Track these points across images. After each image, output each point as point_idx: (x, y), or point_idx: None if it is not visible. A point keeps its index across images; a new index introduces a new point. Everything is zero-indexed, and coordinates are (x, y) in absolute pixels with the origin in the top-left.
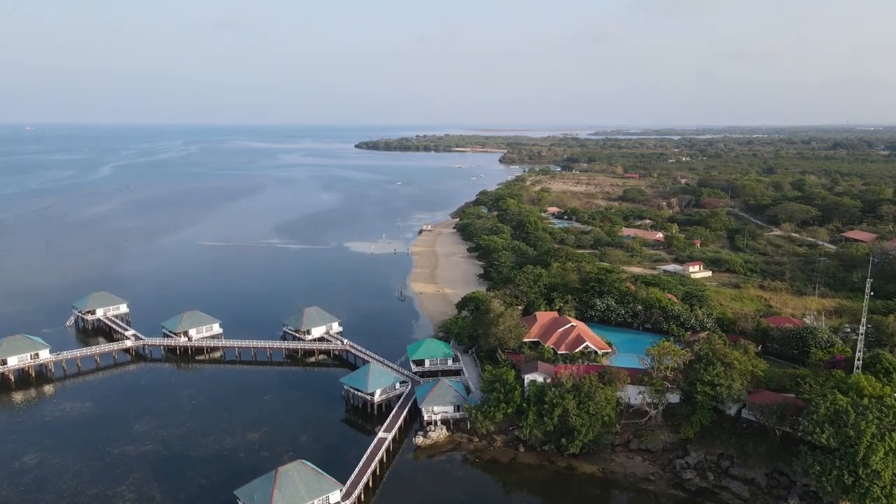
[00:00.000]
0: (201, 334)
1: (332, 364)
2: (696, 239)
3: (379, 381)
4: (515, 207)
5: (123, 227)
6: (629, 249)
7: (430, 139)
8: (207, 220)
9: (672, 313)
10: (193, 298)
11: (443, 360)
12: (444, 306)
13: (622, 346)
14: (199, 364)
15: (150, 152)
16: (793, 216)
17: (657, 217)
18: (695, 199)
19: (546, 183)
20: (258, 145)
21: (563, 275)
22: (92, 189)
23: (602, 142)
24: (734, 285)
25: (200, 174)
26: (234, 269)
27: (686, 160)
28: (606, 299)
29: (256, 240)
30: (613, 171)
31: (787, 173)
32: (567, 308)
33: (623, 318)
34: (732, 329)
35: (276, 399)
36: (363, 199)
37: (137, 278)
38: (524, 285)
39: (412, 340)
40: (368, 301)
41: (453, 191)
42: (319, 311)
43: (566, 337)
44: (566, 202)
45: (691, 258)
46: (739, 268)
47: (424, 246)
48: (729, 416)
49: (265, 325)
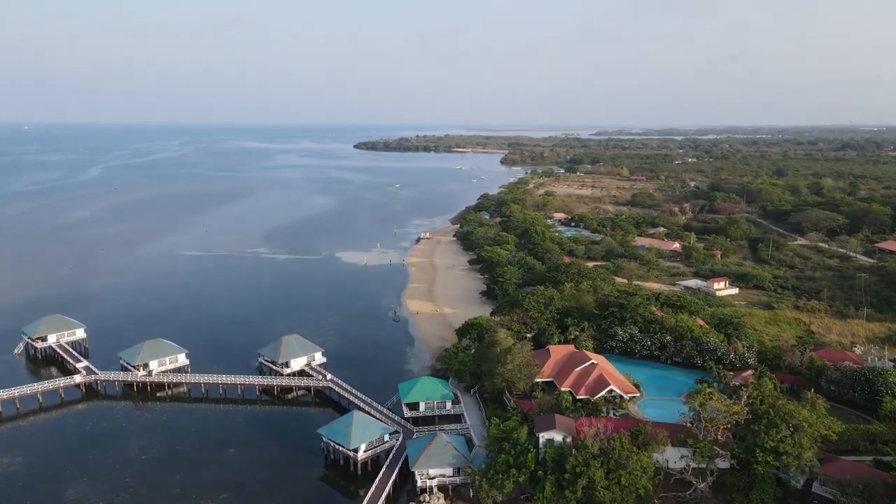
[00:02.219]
0: (164, 367)
1: (312, 403)
2: (715, 249)
3: (364, 434)
4: (520, 214)
5: (101, 234)
6: (645, 262)
7: (430, 139)
8: (192, 227)
9: (707, 346)
10: (162, 321)
11: (440, 402)
12: (443, 329)
13: (649, 386)
14: (160, 403)
15: (145, 153)
16: (818, 224)
17: (671, 224)
18: (709, 205)
19: (550, 186)
20: (256, 145)
21: (577, 297)
22: (77, 192)
23: (605, 142)
24: (766, 305)
25: (192, 176)
26: (212, 285)
27: (692, 161)
28: (629, 328)
29: (242, 249)
30: (619, 173)
31: (798, 175)
32: (584, 338)
33: (649, 350)
34: (777, 364)
35: (244, 452)
36: (359, 203)
37: (103, 296)
38: (534, 310)
39: (405, 372)
40: (358, 323)
41: (453, 194)
42: (300, 339)
43: (586, 377)
44: (572, 207)
45: (714, 272)
46: (769, 284)
47: (422, 256)
48: (795, 491)
49: (240, 353)
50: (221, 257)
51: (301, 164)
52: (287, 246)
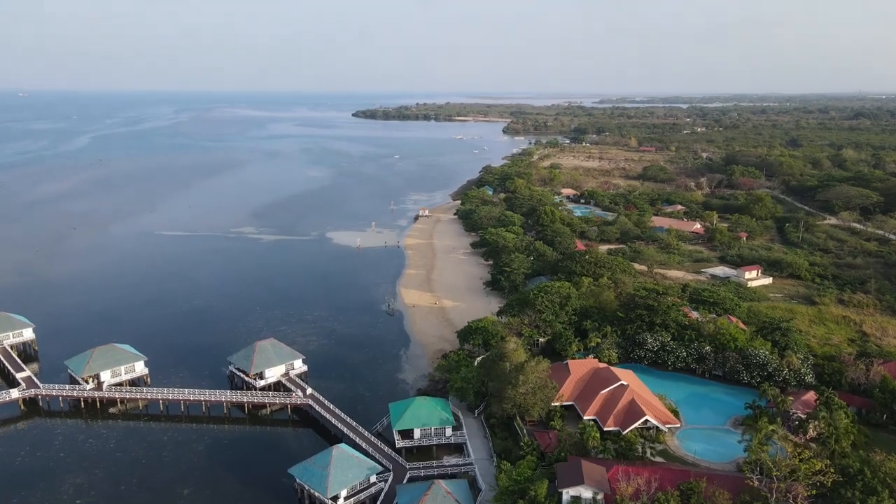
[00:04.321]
0: (118, 377)
1: (289, 422)
2: (740, 231)
3: (345, 477)
4: (525, 190)
5: (77, 210)
6: (664, 245)
7: (430, 108)
8: (175, 202)
9: (755, 360)
10: (124, 318)
11: (439, 428)
12: (443, 327)
13: (687, 407)
14: (110, 423)
15: (137, 121)
16: (850, 202)
17: (689, 202)
18: (726, 179)
19: (555, 157)
20: (251, 114)
21: (596, 293)
22: (59, 163)
23: (610, 111)
24: (806, 299)
25: (182, 146)
26: (188, 272)
27: (702, 131)
28: (660, 334)
29: (226, 228)
30: (627, 144)
31: (814, 146)
32: (606, 345)
33: (684, 361)
34: (839, 382)
35: (201, 494)
36: (355, 176)
37: (63, 287)
38: (547, 311)
39: (398, 383)
40: (348, 318)
41: (454, 166)
42: (277, 345)
43: (614, 403)
44: (581, 182)
45: (742, 258)
46: (805, 273)
47: (420, 237)
48: None
49: (211, 358)
50: (202, 238)
51: (296, 133)
52: (275, 225)
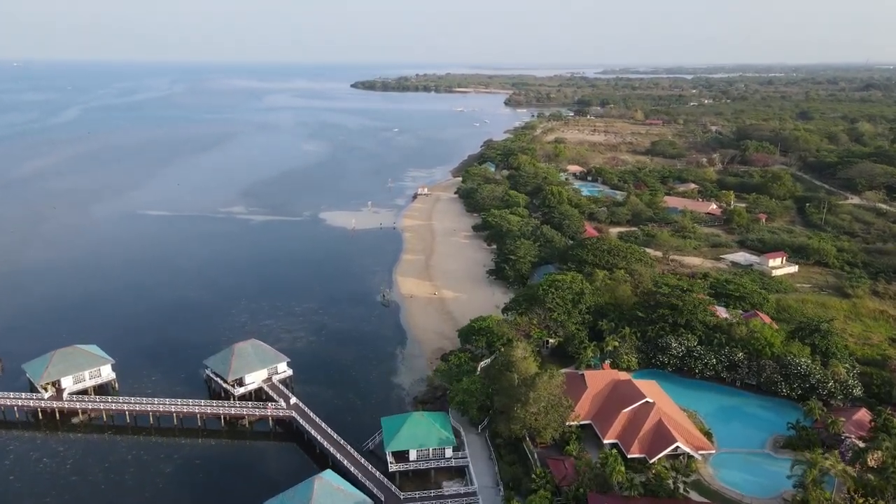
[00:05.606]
0: (81, 384)
1: (270, 435)
2: (759, 212)
3: None
4: (530, 167)
5: (59, 188)
6: (679, 229)
7: (431, 79)
8: (163, 179)
9: (797, 370)
10: (96, 312)
11: (438, 449)
12: (442, 322)
13: (718, 424)
14: (70, 438)
15: (131, 92)
16: (874, 180)
17: (702, 180)
18: (739, 155)
19: (559, 131)
20: (248, 84)
21: (612, 288)
22: (46, 137)
23: (613, 82)
24: (837, 290)
25: (175, 118)
26: (169, 258)
27: (709, 103)
28: (685, 337)
29: (214, 207)
30: (633, 117)
31: (826, 119)
32: (625, 349)
33: (713, 369)
34: (888, 395)
35: None
36: (352, 151)
37: (34, 276)
38: (559, 310)
39: (393, 388)
40: (340, 310)
41: (455, 141)
42: (258, 347)
43: (639, 424)
44: (587, 158)
45: (764, 243)
46: (834, 260)
47: (419, 218)
48: None
49: (188, 358)
50: (188, 219)
51: (293, 105)
52: (266, 204)
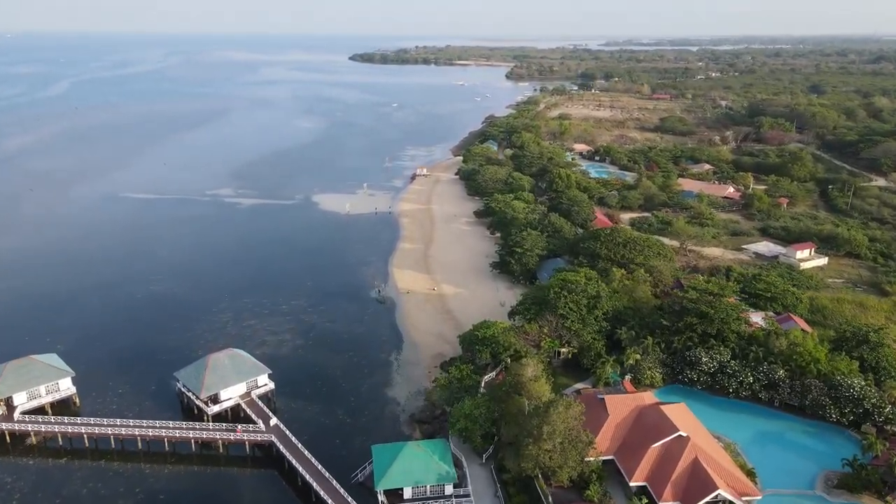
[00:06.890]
0: (36, 400)
1: (247, 462)
2: (780, 196)
3: None
4: (534, 146)
5: (38, 167)
6: (696, 215)
7: (430, 51)
8: (150, 158)
9: (848, 393)
10: (62, 312)
11: (436, 487)
12: (442, 323)
13: (759, 456)
14: (21, 463)
15: (123, 64)
16: None
17: (716, 160)
18: (754, 132)
19: (563, 106)
20: (244, 57)
21: (630, 289)
22: (32, 112)
23: (617, 54)
24: (873, 286)
25: (166, 93)
26: (148, 248)
27: (717, 76)
28: (718, 351)
29: (201, 189)
30: (639, 91)
31: (839, 93)
32: (648, 364)
33: (749, 388)
34: None
35: None
36: (349, 128)
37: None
38: (573, 317)
39: (387, 403)
40: (330, 307)
41: (455, 116)
42: (237, 357)
43: (672, 462)
44: (594, 136)
45: (788, 231)
46: (866, 251)
47: (417, 201)
48: None
49: (161, 367)
50: (173, 202)
51: (289, 78)
52: (256, 186)
